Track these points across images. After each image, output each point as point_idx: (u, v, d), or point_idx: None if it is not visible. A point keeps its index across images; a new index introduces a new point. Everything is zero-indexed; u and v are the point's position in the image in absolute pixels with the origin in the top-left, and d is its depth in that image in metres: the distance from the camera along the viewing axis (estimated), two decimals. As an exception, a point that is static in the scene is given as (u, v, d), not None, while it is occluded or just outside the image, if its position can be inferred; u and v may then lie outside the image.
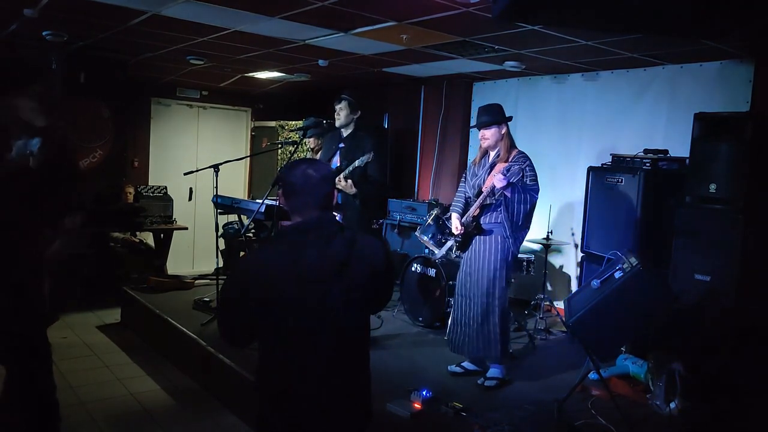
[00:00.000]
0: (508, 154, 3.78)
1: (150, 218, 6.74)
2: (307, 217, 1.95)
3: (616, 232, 4.57)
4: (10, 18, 4.61)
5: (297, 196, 1.95)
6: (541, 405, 3.55)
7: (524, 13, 3.10)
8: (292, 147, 4.81)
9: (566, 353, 4.58)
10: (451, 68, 5.91)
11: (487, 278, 3.76)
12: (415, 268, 5.11)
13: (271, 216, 4.50)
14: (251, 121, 8.86)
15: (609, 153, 4.86)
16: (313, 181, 1.95)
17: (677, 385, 3.45)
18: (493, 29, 4.15)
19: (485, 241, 3.79)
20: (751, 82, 4.50)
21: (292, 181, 1.96)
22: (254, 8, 4.00)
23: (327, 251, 1.90)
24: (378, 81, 7.10)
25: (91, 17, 4.46)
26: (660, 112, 5.09)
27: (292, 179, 1.96)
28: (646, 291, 3.30)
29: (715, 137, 4.08)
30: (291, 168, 2.01)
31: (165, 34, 4.91)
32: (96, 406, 3.93)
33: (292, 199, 1.97)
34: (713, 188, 4.05)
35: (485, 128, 3.81)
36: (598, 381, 3.62)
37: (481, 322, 3.77)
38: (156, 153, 8.04)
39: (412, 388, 3.50)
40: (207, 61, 6.07)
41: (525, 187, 3.68)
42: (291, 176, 1.97)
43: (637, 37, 4.07)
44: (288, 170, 2.01)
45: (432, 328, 4.92)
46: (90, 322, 5.73)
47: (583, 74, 5.65)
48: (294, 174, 1.97)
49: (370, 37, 4.64)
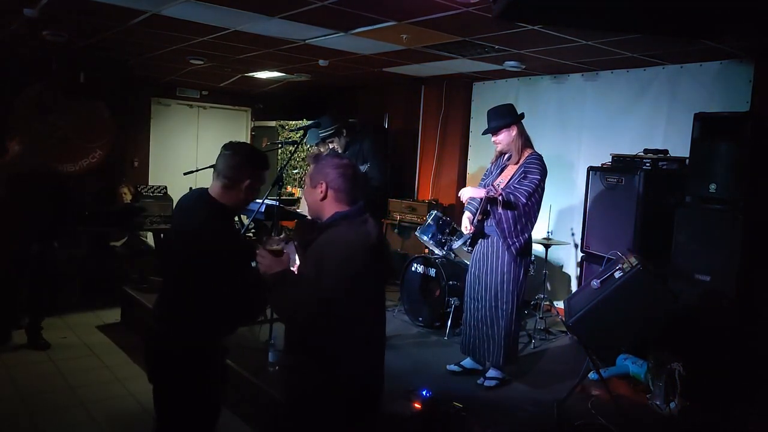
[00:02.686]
0: (520, 156, 3.77)
1: (150, 218, 6.73)
2: (353, 204, 2.15)
3: (616, 232, 4.57)
4: (10, 18, 4.61)
5: (347, 188, 2.14)
6: (541, 405, 3.55)
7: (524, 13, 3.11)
8: (292, 147, 4.80)
9: (566, 353, 4.59)
10: (451, 68, 5.91)
11: (495, 283, 3.74)
12: (415, 268, 5.11)
13: (271, 216, 4.49)
14: (251, 121, 8.86)
15: (609, 153, 4.86)
16: (359, 173, 2.19)
17: (677, 385, 3.45)
18: (493, 29, 4.15)
19: (492, 244, 3.77)
20: (751, 82, 4.50)
21: (348, 172, 2.15)
22: (254, 8, 4.00)
23: (374, 231, 2.13)
24: (378, 81, 7.10)
25: (91, 17, 4.46)
26: (660, 112, 5.09)
27: (348, 170, 2.16)
28: (645, 291, 3.30)
29: (715, 137, 4.08)
30: (338, 161, 2.16)
31: (165, 34, 4.91)
32: (96, 406, 3.92)
33: (342, 188, 2.13)
34: (713, 188, 4.04)
35: (494, 134, 3.81)
36: (598, 381, 3.63)
37: (490, 325, 3.76)
38: (156, 153, 8.04)
39: (412, 388, 3.50)
40: (207, 61, 6.07)
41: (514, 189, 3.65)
42: (340, 171, 2.14)
43: (637, 37, 4.07)
44: (336, 164, 2.15)
45: (432, 328, 4.92)
46: (90, 322, 5.72)
47: (583, 74, 5.65)
48: (346, 164, 2.17)
49: (370, 37, 4.64)
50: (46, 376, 4.39)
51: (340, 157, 2.24)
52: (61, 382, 4.31)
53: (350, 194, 2.15)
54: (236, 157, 2.27)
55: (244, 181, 2.27)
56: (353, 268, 2.00)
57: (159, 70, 6.85)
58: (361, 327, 2.09)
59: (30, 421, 3.69)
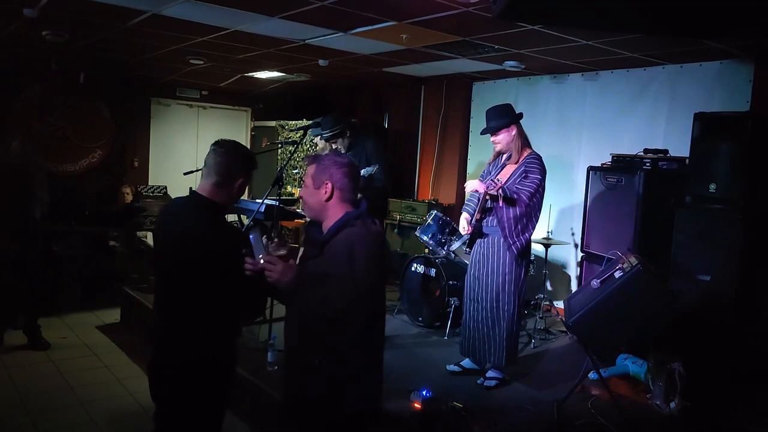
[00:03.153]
0: (519, 155, 3.76)
1: (150, 218, 6.73)
2: (357, 205, 2.17)
3: (616, 232, 4.57)
4: (10, 18, 4.61)
5: (352, 188, 2.17)
6: (541, 405, 3.55)
7: (524, 12, 3.10)
8: (292, 147, 4.80)
9: (566, 353, 4.59)
10: (451, 68, 5.91)
11: (495, 284, 3.73)
12: (415, 268, 5.11)
13: (271, 216, 4.49)
14: (251, 120, 8.86)
15: (609, 153, 4.86)
16: (358, 171, 2.22)
17: (677, 385, 3.45)
18: (493, 29, 4.15)
19: (491, 244, 3.76)
20: (751, 82, 4.50)
21: (352, 171, 2.17)
22: (254, 8, 4.00)
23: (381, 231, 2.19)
24: (378, 81, 7.10)
25: (91, 17, 4.46)
26: (660, 112, 5.09)
27: (352, 170, 2.18)
28: (645, 291, 3.29)
29: (715, 137, 4.08)
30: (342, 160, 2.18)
31: (165, 34, 4.91)
32: (96, 406, 3.93)
33: (348, 188, 2.15)
34: (713, 188, 4.04)
35: (494, 134, 3.80)
36: (598, 381, 3.62)
37: (491, 326, 3.76)
38: (156, 153, 8.04)
39: (412, 388, 3.50)
40: (207, 61, 6.07)
41: (517, 189, 3.64)
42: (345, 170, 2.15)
43: (637, 37, 4.07)
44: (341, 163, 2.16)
45: (432, 327, 4.92)
46: (90, 322, 5.73)
47: (583, 74, 5.65)
48: (349, 164, 2.18)
49: (370, 37, 4.64)
50: (46, 376, 4.40)
51: (340, 155, 2.24)
52: (60, 382, 4.31)
53: (353, 194, 2.18)
54: (230, 155, 2.28)
55: (238, 179, 2.28)
56: (380, 263, 2.12)
57: (159, 70, 6.85)
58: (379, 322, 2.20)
59: (30, 421, 3.69)
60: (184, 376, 2.20)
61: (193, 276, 2.17)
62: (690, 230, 4.12)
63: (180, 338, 2.22)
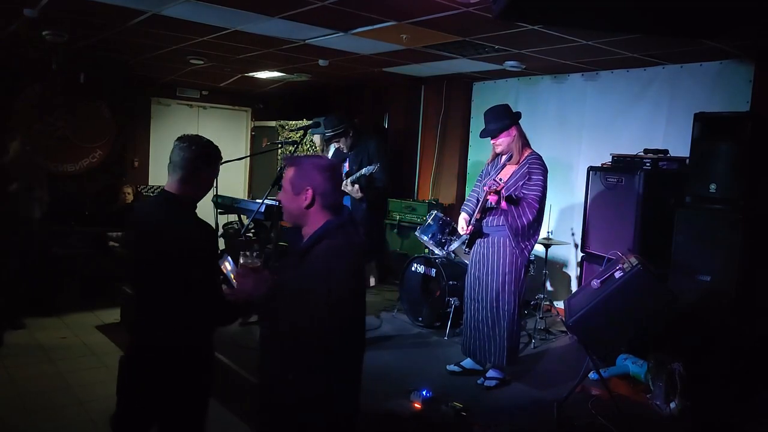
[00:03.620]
0: (520, 156, 3.76)
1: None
2: (339, 212, 2.07)
3: (616, 232, 4.57)
4: (10, 18, 4.61)
5: (334, 194, 2.06)
6: (541, 405, 3.55)
7: (524, 12, 3.10)
8: (292, 147, 4.80)
9: (566, 353, 4.58)
10: (451, 68, 5.91)
11: (495, 284, 3.72)
12: (415, 268, 5.11)
13: (271, 216, 4.49)
14: (251, 120, 8.86)
15: (609, 153, 4.86)
16: (339, 172, 2.17)
17: (677, 385, 3.45)
18: (493, 29, 4.15)
19: (492, 244, 3.76)
20: (751, 82, 4.50)
21: (333, 174, 2.07)
22: (254, 8, 4.00)
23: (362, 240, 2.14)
24: (378, 81, 7.10)
25: (91, 17, 4.46)
26: (660, 112, 5.09)
27: (333, 172, 2.08)
28: (645, 291, 3.30)
29: (715, 137, 4.08)
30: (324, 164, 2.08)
31: (165, 34, 4.91)
32: (96, 406, 3.92)
33: (330, 194, 2.05)
34: (713, 188, 4.04)
35: (494, 138, 3.79)
36: (598, 381, 3.62)
37: (492, 326, 3.76)
38: (156, 153, 8.03)
39: (412, 388, 3.50)
40: (207, 61, 6.07)
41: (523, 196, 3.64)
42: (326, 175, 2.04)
43: (637, 37, 4.07)
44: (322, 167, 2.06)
45: (432, 328, 4.92)
46: (90, 322, 5.72)
47: (583, 74, 5.65)
48: (330, 165, 2.10)
49: (370, 37, 4.64)
50: (45, 376, 4.40)
51: (319, 156, 2.23)
52: (60, 382, 4.31)
53: (336, 198, 2.07)
54: (193, 150, 2.30)
55: (202, 173, 2.32)
56: (359, 275, 2.07)
57: (159, 70, 6.85)
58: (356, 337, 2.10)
59: (29, 421, 3.69)
60: (159, 365, 2.24)
61: (164, 269, 2.22)
62: (690, 230, 4.12)
63: (155, 329, 2.28)
